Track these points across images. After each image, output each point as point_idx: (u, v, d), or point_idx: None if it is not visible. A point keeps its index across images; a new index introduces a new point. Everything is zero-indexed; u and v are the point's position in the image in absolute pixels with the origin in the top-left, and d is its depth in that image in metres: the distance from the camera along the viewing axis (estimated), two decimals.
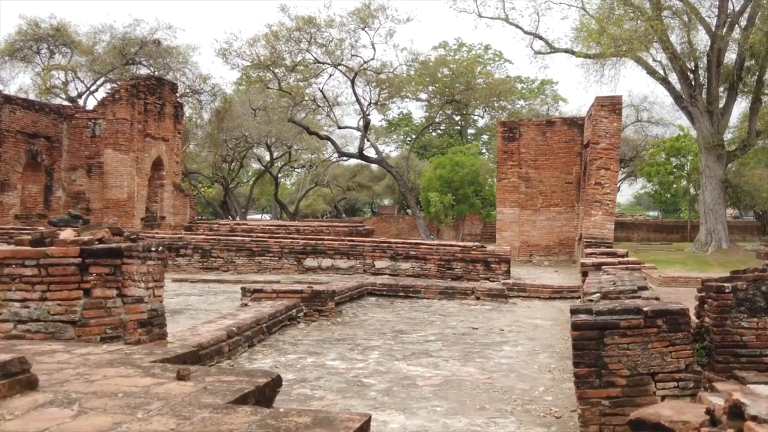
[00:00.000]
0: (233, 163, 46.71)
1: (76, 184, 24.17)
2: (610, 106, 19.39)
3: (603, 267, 8.69)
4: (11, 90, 36.93)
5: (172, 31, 45.14)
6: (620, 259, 9.75)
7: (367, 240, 15.94)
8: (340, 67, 35.63)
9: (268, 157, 46.60)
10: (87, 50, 35.14)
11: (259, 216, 63.88)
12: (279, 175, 50.24)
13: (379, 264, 15.41)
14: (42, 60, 36.76)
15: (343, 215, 59.00)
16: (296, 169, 56.91)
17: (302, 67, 36.02)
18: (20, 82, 36.23)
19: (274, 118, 40.96)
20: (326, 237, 16.28)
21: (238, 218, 44.86)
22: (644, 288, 6.03)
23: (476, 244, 15.97)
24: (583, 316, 4.55)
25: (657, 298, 5.20)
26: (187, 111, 39.64)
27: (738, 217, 49.74)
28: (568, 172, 23.55)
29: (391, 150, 57.32)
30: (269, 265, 15.61)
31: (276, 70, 36.45)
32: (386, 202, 61.71)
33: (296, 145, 46.04)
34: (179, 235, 15.73)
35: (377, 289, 12.59)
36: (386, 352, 7.46)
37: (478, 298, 12.18)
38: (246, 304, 9.68)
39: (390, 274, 15.28)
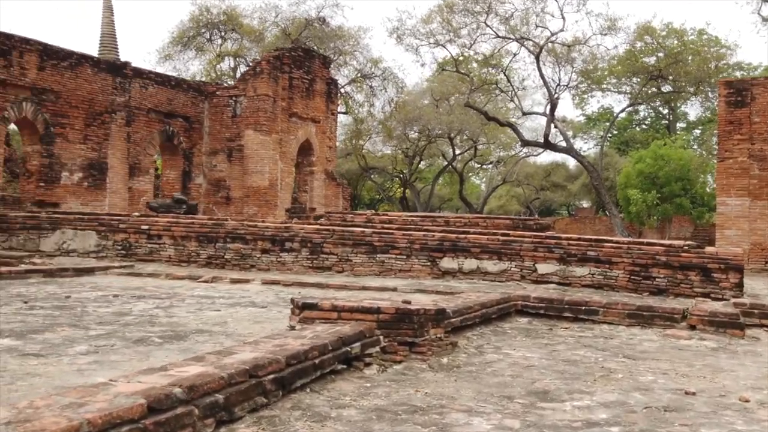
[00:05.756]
0: (414, 158, 43.68)
1: (216, 169, 21.81)
2: None
3: None
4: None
5: (339, 9, 42.74)
6: None
7: (527, 235, 11.62)
8: (525, 43, 31.12)
9: (451, 153, 43.12)
10: (253, 32, 33.40)
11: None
12: (465, 172, 46.58)
13: (544, 268, 11.05)
14: (213, 47, 35.67)
15: (536, 216, 54.71)
16: (483, 165, 53.10)
17: (482, 42, 31.94)
18: (194, 70, 34.80)
19: (452, 104, 37.32)
20: (472, 230, 12.17)
21: None
22: None
23: (688, 243, 11.13)
24: None
25: None
26: (359, 98, 37.10)
27: None
28: None
29: (589, 147, 52.07)
30: (394, 265, 11.76)
31: (454, 53, 32.67)
32: (584, 204, 57.08)
33: (482, 138, 42.10)
34: (286, 225, 12.35)
35: (531, 305, 8.31)
36: None
37: (692, 327, 7.57)
38: (293, 327, 5.91)
39: (558, 283, 10.88)
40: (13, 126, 18.67)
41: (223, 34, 35.16)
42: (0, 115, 16.66)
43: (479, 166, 52.39)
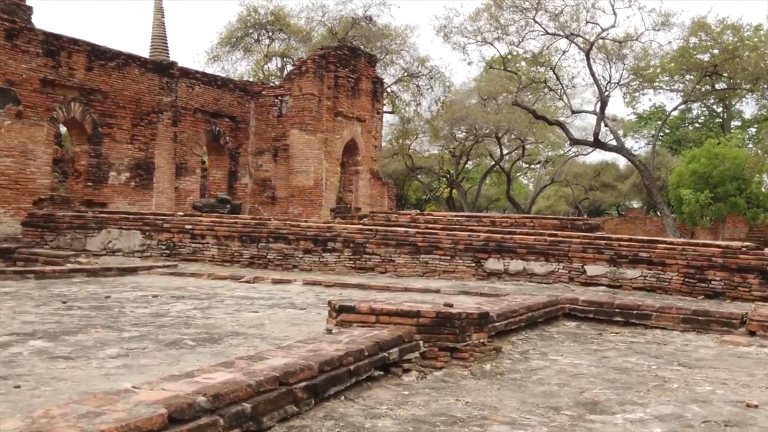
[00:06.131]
0: (461, 158, 43.26)
1: (262, 169, 21.80)
2: None
3: None
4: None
5: (386, 7, 42.44)
6: None
7: (576, 235, 11.22)
8: (575, 39, 30.46)
9: (499, 152, 42.56)
10: (300, 31, 33.39)
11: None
12: (513, 172, 45.94)
13: (593, 270, 10.65)
14: (261, 48, 35.79)
15: (585, 216, 53.79)
16: (531, 165, 52.39)
17: (531, 39, 31.37)
18: (241, 71, 34.99)
19: (500, 103, 36.82)
20: (518, 230, 11.81)
21: None
22: None
23: (746, 244, 10.63)
24: None
25: None
26: (406, 97, 36.87)
27: None
28: None
29: (640, 146, 50.97)
30: (438, 266, 11.48)
31: (502, 51, 32.16)
32: (634, 204, 55.96)
33: (530, 137, 41.49)
34: (328, 225, 12.18)
35: (579, 308, 7.98)
36: None
37: (752, 333, 7.18)
38: (330, 330, 5.72)
39: (608, 285, 10.47)
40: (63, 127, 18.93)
41: (270, 34, 35.24)
42: (49, 115, 16.86)
43: (527, 165, 51.69)
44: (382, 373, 4.88)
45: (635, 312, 7.67)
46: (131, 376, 4.29)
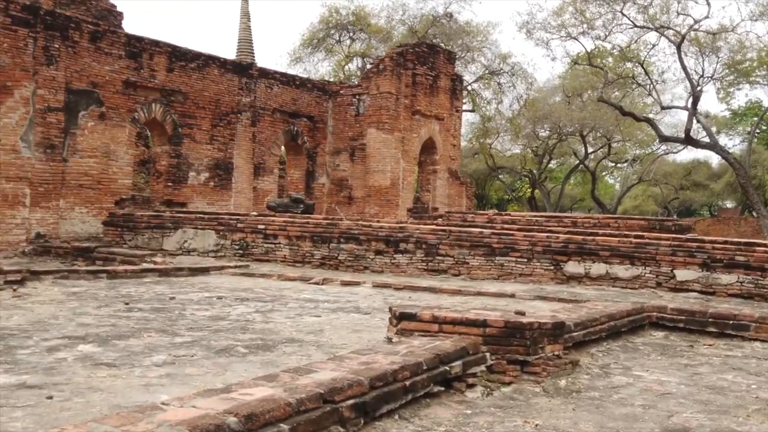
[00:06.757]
0: (544, 157, 42.19)
1: (339, 169, 21.63)
2: None
3: None
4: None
5: (467, 4, 41.70)
6: None
7: (664, 237, 10.45)
8: (665, 32, 29.11)
9: (583, 151, 41.31)
10: (381, 31, 33.17)
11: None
12: (598, 171, 44.52)
13: (683, 275, 9.90)
14: (342, 48, 35.77)
15: (674, 216, 51.81)
16: (617, 164, 50.71)
17: (618, 33, 30.21)
18: (322, 71, 35.04)
19: (585, 100, 35.68)
20: (601, 232, 11.12)
21: None
22: None
23: None
24: None
25: None
26: (487, 95, 36.20)
27: None
28: None
29: (735, 144, 48.67)
30: (514, 269, 10.91)
31: (588, 46, 31.07)
32: (728, 204, 53.58)
33: (617, 135, 40.09)
34: (400, 225, 11.79)
35: (668, 317, 7.33)
36: None
37: None
38: (390, 339, 5.34)
39: (700, 291, 9.70)
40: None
41: (351, 34, 35.17)
42: (130, 116, 17.10)
43: (613, 164, 50.04)
44: (442, 388, 4.45)
45: (731, 322, 6.97)
46: (171, 387, 4.01)
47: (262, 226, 13.10)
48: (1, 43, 14.41)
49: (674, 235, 11.01)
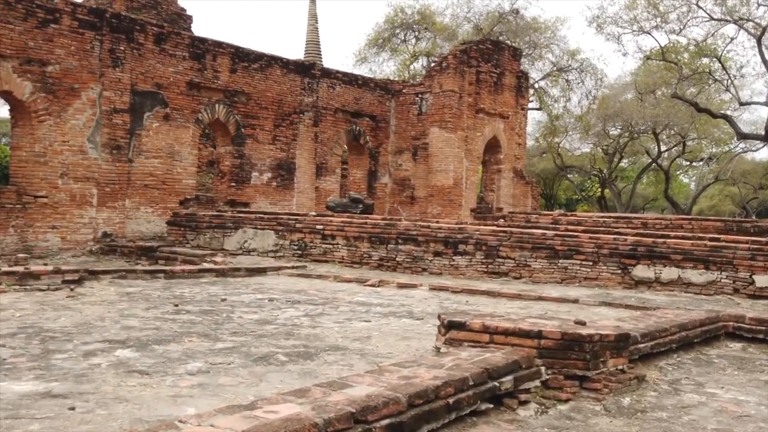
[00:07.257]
0: (615, 156, 41.05)
1: (401, 168, 21.38)
2: None
3: None
4: None
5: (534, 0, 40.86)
6: None
7: (743, 240, 9.80)
8: (744, 25, 27.87)
9: (656, 149, 40.01)
10: (446, 29, 32.78)
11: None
12: (672, 170, 43.08)
13: (763, 281, 9.26)
14: (407, 48, 35.54)
15: (753, 217, 49.76)
16: (692, 163, 48.99)
17: (694, 27, 29.09)
18: (387, 71, 34.86)
19: (658, 96, 34.51)
20: (673, 233, 10.53)
21: None
22: None
23: None
24: None
25: None
26: (555, 93, 35.42)
27: None
28: None
29: None
30: (578, 272, 10.43)
31: (661, 40, 30.06)
32: None
33: (692, 133, 38.69)
34: (459, 226, 11.43)
35: (746, 327, 6.81)
36: None
37: None
38: (438, 349, 5.05)
39: None
40: None
41: (416, 33, 34.91)
42: (194, 117, 17.21)
43: (688, 163, 48.40)
44: (491, 405, 4.13)
45: None
46: (200, 399, 3.80)
47: (320, 227, 12.95)
48: (69, 47, 14.66)
49: (753, 238, 10.34)
